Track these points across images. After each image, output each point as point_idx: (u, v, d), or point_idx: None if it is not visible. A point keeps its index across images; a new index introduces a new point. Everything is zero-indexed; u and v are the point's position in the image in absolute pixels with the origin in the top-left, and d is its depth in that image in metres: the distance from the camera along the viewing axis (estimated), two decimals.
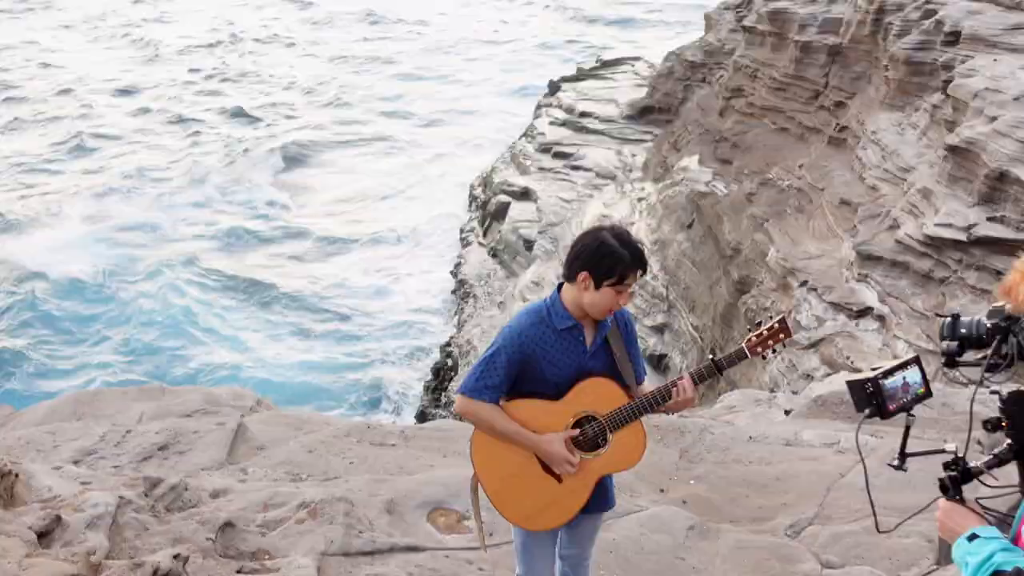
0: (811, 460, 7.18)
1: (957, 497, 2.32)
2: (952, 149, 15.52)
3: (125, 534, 4.87)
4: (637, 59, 39.06)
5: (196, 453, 6.67)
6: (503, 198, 30.32)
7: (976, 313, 2.68)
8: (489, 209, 30.87)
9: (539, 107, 36.18)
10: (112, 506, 4.92)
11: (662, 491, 6.63)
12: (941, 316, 2.58)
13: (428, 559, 4.99)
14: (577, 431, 3.53)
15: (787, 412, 9.58)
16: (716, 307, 19.41)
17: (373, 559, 4.99)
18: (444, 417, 22.68)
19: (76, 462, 6.43)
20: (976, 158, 14.90)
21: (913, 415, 2.59)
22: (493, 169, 33.36)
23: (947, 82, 16.66)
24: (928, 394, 2.61)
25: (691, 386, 3.49)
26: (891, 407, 2.51)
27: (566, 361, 3.53)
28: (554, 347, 3.52)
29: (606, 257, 3.40)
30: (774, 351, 3.58)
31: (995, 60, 16.22)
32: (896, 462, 2.55)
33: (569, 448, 3.50)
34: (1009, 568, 1.82)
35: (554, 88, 37.44)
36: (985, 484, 2.32)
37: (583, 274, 3.46)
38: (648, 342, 21.33)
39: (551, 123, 33.33)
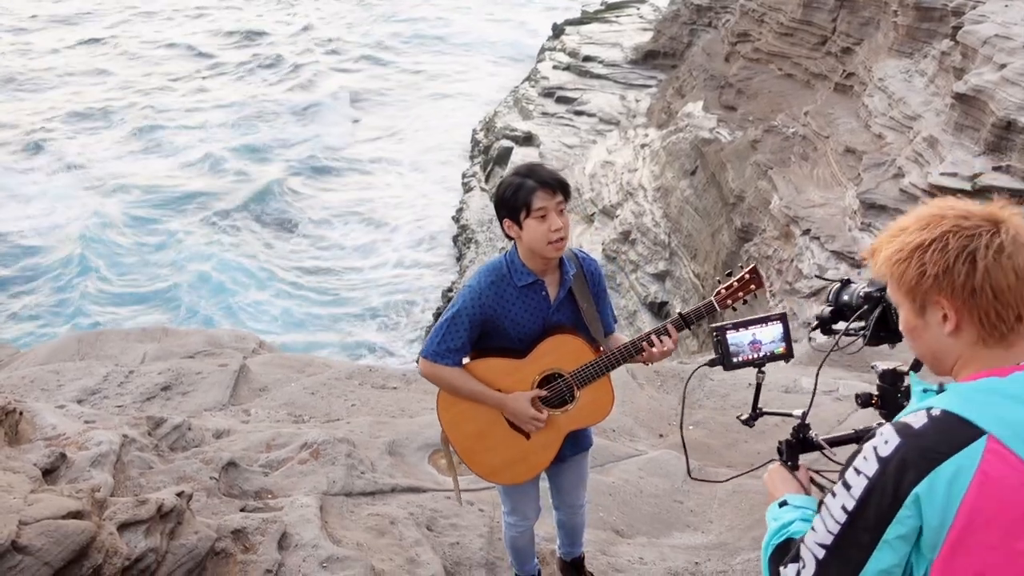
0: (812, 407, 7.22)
1: (789, 463, 2.28)
2: (959, 97, 15.37)
3: (129, 472, 4.91)
4: (643, 2, 38.53)
5: (199, 394, 6.72)
6: (506, 143, 30.14)
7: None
8: (491, 154, 30.69)
9: (542, 51, 35.77)
10: (116, 444, 4.95)
11: (661, 436, 6.69)
12: (830, 281, 2.49)
13: (429, 500, 5.04)
14: (543, 390, 3.48)
15: (786, 360, 9.62)
16: (718, 255, 19.39)
17: (374, 499, 5.04)
18: None
19: (79, 401, 6.47)
20: (983, 106, 14.76)
21: (763, 371, 2.50)
22: (496, 113, 33.09)
23: (956, 28, 16.43)
24: (788, 354, 2.51)
25: (660, 342, 3.39)
26: (735, 360, 2.44)
27: (530, 317, 3.45)
28: (516, 304, 3.44)
29: (507, 192, 3.29)
30: (745, 302, 3.46)
31: (1006, 6, 15.99)
32: (745, 416, 2.52)
33: (536, 406, 3.46)
34: (799, 535, 1.86)
35: (558, 31, 36.98)
36: (831, 459, 2.29)
37: (506, 222, 3.35)
38: (649, 289, 21.35)
39: (554, 67, 32.99)
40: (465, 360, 3.51)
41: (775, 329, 2.49)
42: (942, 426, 1.65)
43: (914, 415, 1.70)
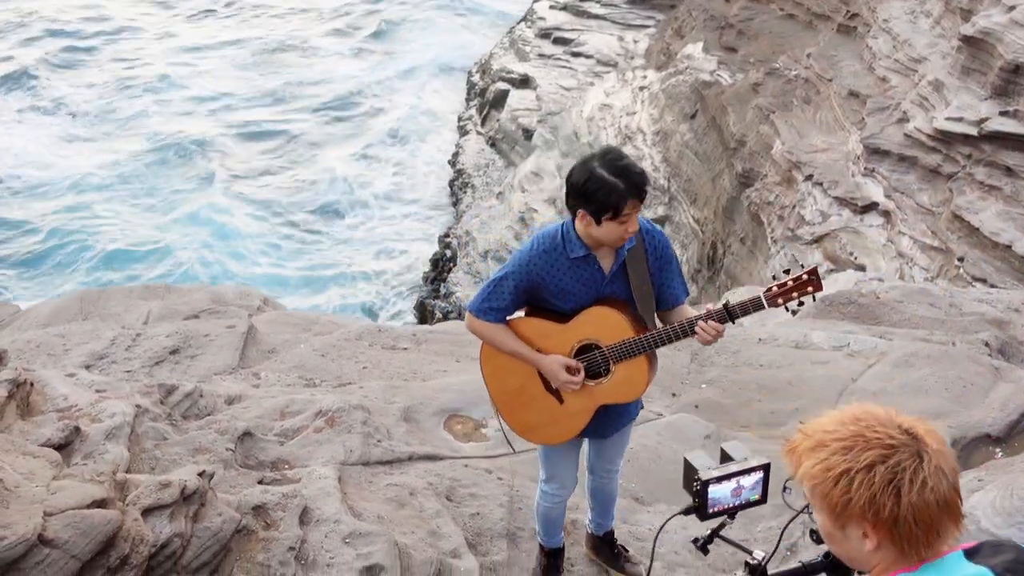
0: (821, 364, 7.19)
1: None
2: (966, 39, 15.10)
3: (144, 444, 4.87)
4: None
5: (208, 357, 6.65)
6: (502, 86, 29.70)
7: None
8: (487, 97, 30.27)
9: None
10: (130, 415, 4.90)
11: (674, 395, 6.66)
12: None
13: (447, 468, 5.02)
14: (579, 359, 3.50)
15: (794, 312, 9.56)
16: (718, 200, 19.25)
17: (392, 468, 5.01)
18: (444, 309, 22.79)
19: (88, 367, 6.40)
20: (991, 49, 14.52)
21: (732, 519, 2.52)
22: (491, 55, 32.58)
23: None
24: (763, 501, 2.52)
25: (715, 322, 3.36)
26: (711, 511, 2.47)
27: (581, 288, 3.46)
28: (567, 275, 3.44)
29: (598, 191, 3.22)
30: (801, 303, 3.38)
31: None
32: (701, 542, 2.56)
33: (571, 371, 3.48)
34: None
35: None
36: None
37: (581, 212, 3.32)
38: None
39: (551, 7, 32.37)
40: (519, 314, 3.58)
41: (756, 478, 2.49)
42: None
43: None
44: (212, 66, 35.22)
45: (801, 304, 3.43)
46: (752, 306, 3.39)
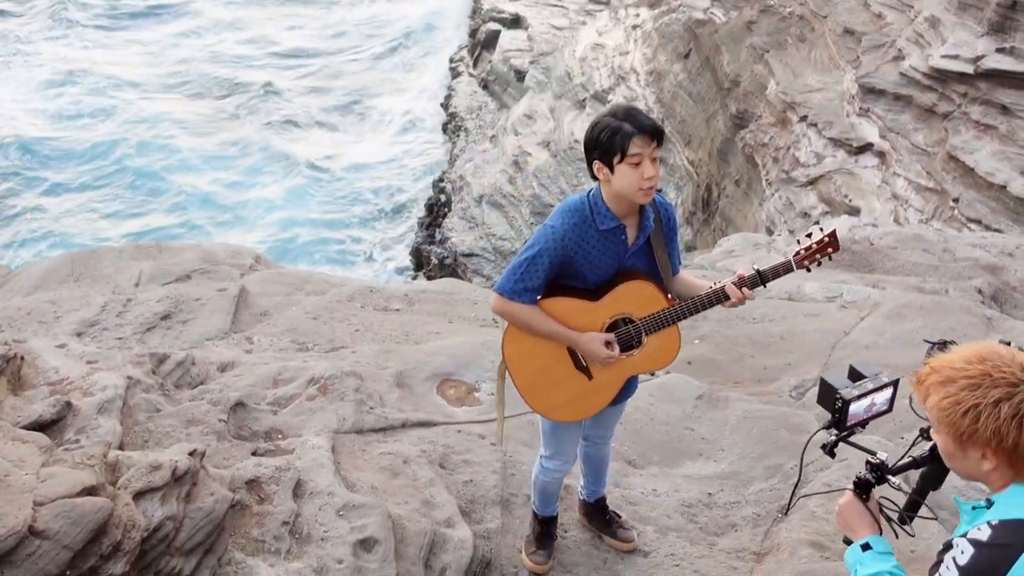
0: (814, 316, 7.20)
1: (864, 496, 2.45)
2: None
3: (137, 416, 4.87)
4: None
5: (199, 322, 6.63)
6: (493, 26, 29.25)
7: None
8: (479, 38, 29.83)
9: None
10: (121, 388, 4.89)
11: None
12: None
13: (440, 435, 5.03)
14: (612, 336, 3.52)
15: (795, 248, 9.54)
16: (713, 141, 19.09)
17: (386, 435, 5.03)
18: (440, 255, 22.74)
19: (79, 334, 6.39)
20: None
21: (863, 428, 2.66)
22: None
23: None
24: (889, 410, 2.68)
25: (739, 293, 3.43)
26: (849, 423, 2.60)
27: (607, 260, 3.48)
28: (596, 248, 3.45)
29: (603, 134, 3.27)
30: (820, 263, 3.49)
31: None
32: (828, 447, 2.65)
33: (609, 346, 3.50)
34: None
35: None
36: (892, 487, 2.50)
37: (596, 164, 3.36)
38: None
39: None
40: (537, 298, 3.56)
41: (886, 394, 2.65)
42: (1006, 530, 1.98)
43: (977, 529, 2.02)
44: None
45: (820, 264, 3.55)
46: (783, 269, 3.49)
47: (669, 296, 3.55)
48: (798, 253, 3.48)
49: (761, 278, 3.45)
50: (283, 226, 25.06)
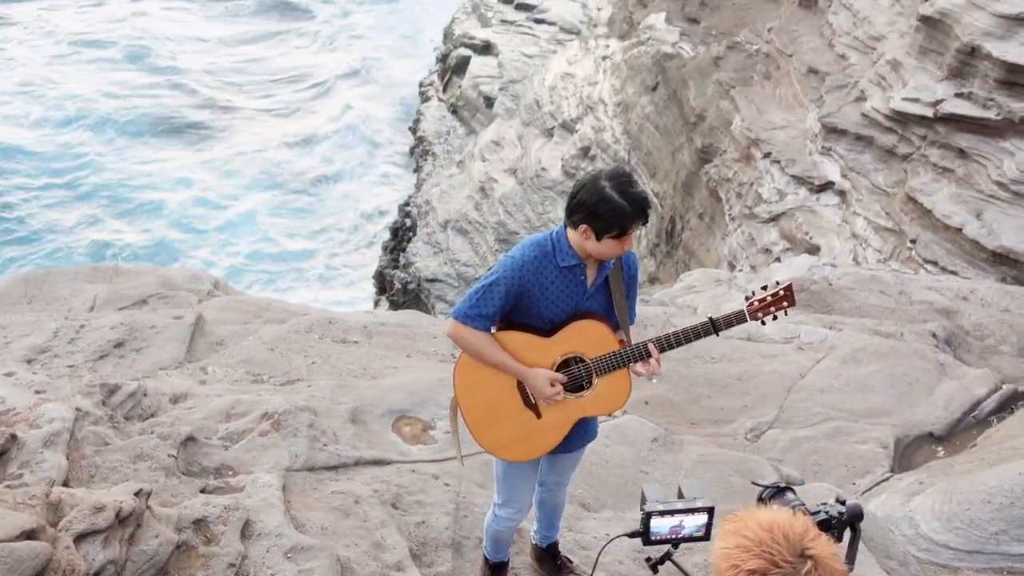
0: (771, 358, 7.25)
1: None
2: (925, 19, 15.15)
3: (84, 450, 4.78)
4: None
5: (153, 350, 6.54)
6: (463, 51, 29.37)
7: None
8: (449, 63, 29.94)
9: None
10: (69, 420, 4.80)
11: None
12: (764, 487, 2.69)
13: (394, 474, 4.99)
14: (563, 373, 3.52)
15: (747, 299, 9.62)
16: (678, 174, 19.27)
17: (338, 474, 4.98)
18: (403, 280, 22.67)
19: (29, 361, 6.27)
20: (948, 30, 14.58)
21: (675, 548, 2.74)
22: (454, 20, 32.17)
23: None
24: (706, 539, 2.73)
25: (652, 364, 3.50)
26: (655, 539, 2.69)
27: (564, 299, 3.50)
28: (554, 284, 3.48)
29: (607, 212, 3.31)
30: (775, 317, 3.53)
31: None
32: (653, 562, 2.80)
33: (554, 384, 3.49)
34: None
35: None
36: None
37: (583, 227, 3.38)
38: None
39: None
40: (492, 329, 3.56)
41: (699, 519, 2.70)
42: None
43: None
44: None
45: (775, 318, 3.58)
46: (736, 319, 3.55)
47: (622, 339, 3.56)
48: (752, 304, 3.54)
49: (713, 325, 3.49)
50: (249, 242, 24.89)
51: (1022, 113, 13.04)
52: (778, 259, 13.81)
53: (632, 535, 2.74)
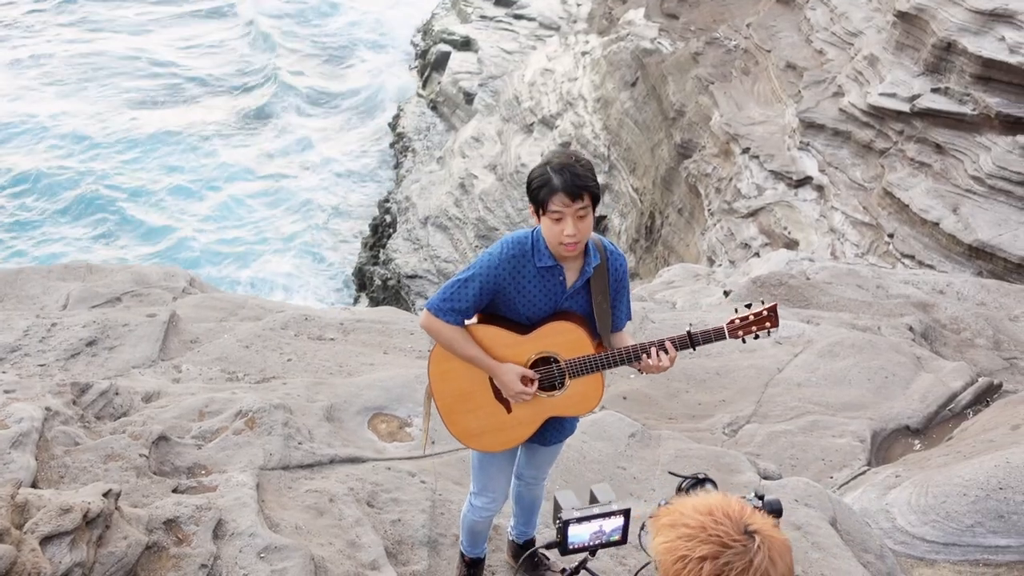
0: (749, 352, 7.25)
1: None
2: (901, 15, 15.23)
3: (53, 451, 4.71)
4: None
5: (126, 348, 6.46)
6: (443, 47, 29.30)
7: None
8: (429, 59, 29.85)
9: None
10: (38, 420, 4.73)
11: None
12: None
13: (369, 471, 4.94)
14: (537, 371, 3.49)
15: (726, 293, 9.65)
16: (657, 170, 19.28)
17: (313, 472, 4.92)
18: (383, 276, 22.57)
19: None
20: (925, 25, 14.67)
21: (593, 555, 2.69)
22: (433, 16, 32.09)
23: None
24: (623, 542, 2.69)
25: (659, 356, 3.40)
26: (571, 547, 2.64)
27: (543, 299, 3.46)
28: (532, 283, 3.44)
29: (534, 183, 3.30)
30: (756, 336, 3.45)
31: None
32: (568, 573, 2.70)
33: (526, 383, 3.46)
34: None
35: None
36: None
37: (531, 208, 3.37)
38: None
39: None
40: (471, 321, 3.52)
41: (616, 522, 2.66)
42: None
43: None
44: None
45: (757, 338, 3.50)
46: (714, 335, 3.45)
47: (602, 343, 3.52)
48: (732, 321, 3.45)
49: (690, 339, 3.44)
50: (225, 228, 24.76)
51: (998, 108, 13.13)
52: (757, 254, 13.84)
53: (549, 546, 2.73)
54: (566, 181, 3.24)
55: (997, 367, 7.96)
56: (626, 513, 2.63)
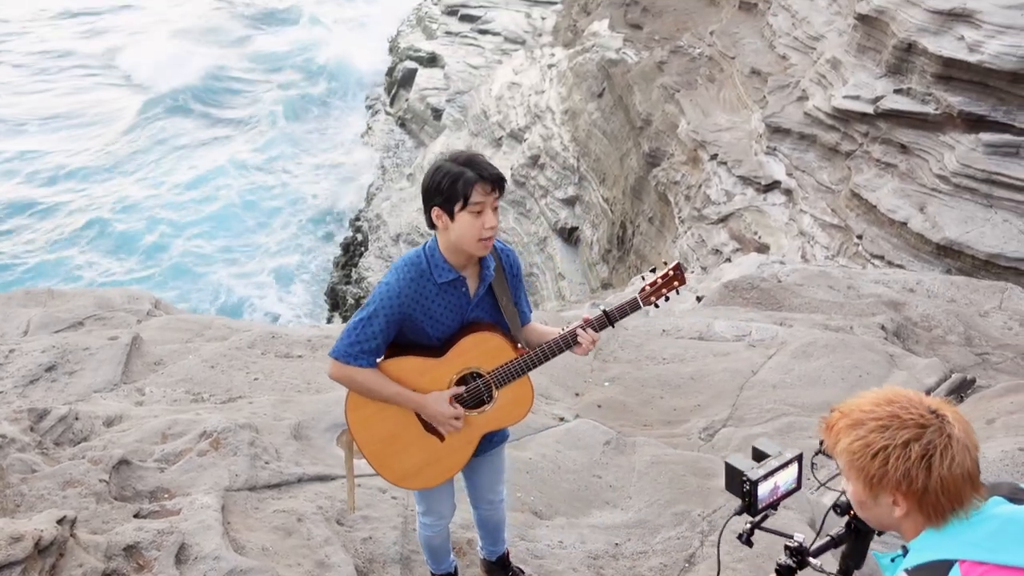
0: (723, 356, 7.19)
1: None
2: (861, 17, 15.34)
3: (9, 479, 4.55)
4: None
5: (87, 373, 6.29)
6: (410, 64, 29.29)
7: None
8: (395, 76, 29.81)
9: None
10: None
11: (577, 395, 6.57)
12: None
13: (339, 489, 4.82)
14: (462, 389, 3.35)
15: (699, 299, 9.60)
16: (627, 179, 19.29)
17: (281, 492, 4.79)
18: (356, 295, 22.42)
19: None
20: (885, 27, 14.77)
21: (775, 510, 2.60)
22: (399, 33, 32.07)
23: None
24: (798, 488, 2.60)
25: (588, 337, 3.32)
26: (760, 506, 2.54)
27: (449, 314, 3.31)
28: (436, 302, 3.28)
29: (444, 180, 3.12)
30: (667, 298, 3.42)
31: None
32: (745, 536, 2.61)
33: (454, 405, 3.34)
34: None
35: None
36: (814, 569, 2.51)
37: (435, 211, 3.18)
38: (559, 214, 21.21)
39: None
40: (378, 360, 3.34)
41: (792, 471, 2.57)
42: (921, 574, 1.99)
43: None
44: None
45: (668, 299, 3.47)
46: (629, 307, 3.40)
47: (518, 346, 3.41)
48: (643, 290, 3.41)
49: (608, 318, 3.36)
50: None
51: (960, 107, 13.23)
52: (728, 259, 13.83)
53: (740, 511, 2.58)
54: (482, 170, 3.13)
55: (969, 363, 7.95)
56: (799, 458, 2.57)
